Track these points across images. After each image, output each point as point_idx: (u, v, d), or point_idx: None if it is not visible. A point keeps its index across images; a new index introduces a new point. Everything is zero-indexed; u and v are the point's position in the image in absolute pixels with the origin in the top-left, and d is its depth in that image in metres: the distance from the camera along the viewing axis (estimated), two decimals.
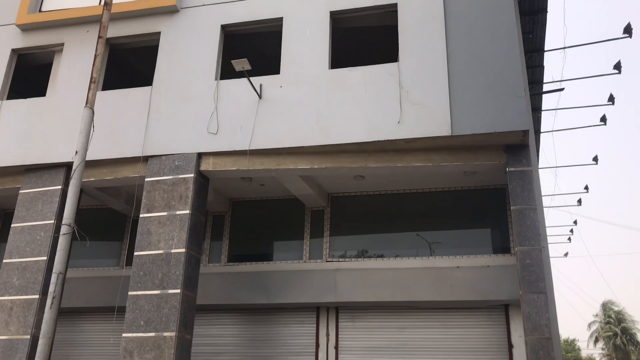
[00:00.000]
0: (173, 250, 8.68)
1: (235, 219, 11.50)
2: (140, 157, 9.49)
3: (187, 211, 8.86)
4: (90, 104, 8.56)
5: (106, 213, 11.78)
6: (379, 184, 10.62)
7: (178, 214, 8.89)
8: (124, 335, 8.40)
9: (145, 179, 9.34)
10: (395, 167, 8.91)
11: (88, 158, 8.48)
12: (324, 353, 10.25)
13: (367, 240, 11.04)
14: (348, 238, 11.08)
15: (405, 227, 10.86)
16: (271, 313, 10.80)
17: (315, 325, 10.52)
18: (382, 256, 10.46)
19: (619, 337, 46.51)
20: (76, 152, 8.24)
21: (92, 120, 8.46)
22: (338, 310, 10.49)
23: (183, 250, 8.62)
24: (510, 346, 9.54)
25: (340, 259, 10.59)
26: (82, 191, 9.90)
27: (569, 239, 19.70)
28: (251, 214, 11.57)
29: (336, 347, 10.27)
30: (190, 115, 9.56)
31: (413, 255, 10.34)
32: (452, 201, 10.69)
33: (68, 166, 9.47)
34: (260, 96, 9.30)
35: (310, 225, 11.04)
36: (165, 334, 8.20)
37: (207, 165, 9.27)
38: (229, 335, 10.88)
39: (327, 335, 10.40)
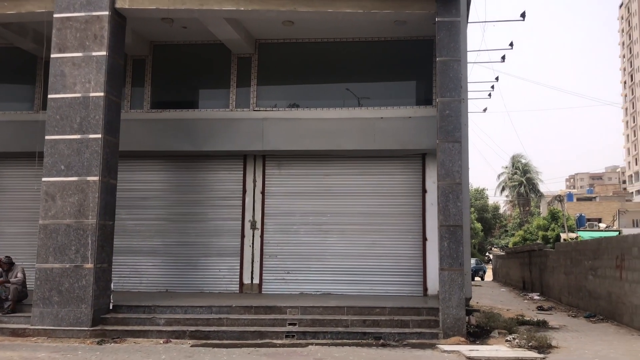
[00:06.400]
0: (91, 94, 8.26)
1: (157, 64, 10.96)
2: None
3: (104, 52, 8.30)
4: None
5: (14, 52, 10.84)
6: (308, 30, 10.30)
7: (94, 55, 8.33)
8: (44, 179, 8.24)
9: (54, 15, 8.52)
10: (325, 12, 8.61)
11: None
12: (251, 197, 10.65)
13: (295, 90, 10.98)
14: (276, 87, 10.96)
15: (334, 77, 10.83)
16: (198, 160, 10.88)
17: (242, 172, 10.77)
18: (309, 107, 10.51)
19: (523, 186, 51.26)
20: None
21: None
22: (265, 158, 10.73)
23: (102, 94, 8.22)
24: (424, 191, 10.29)
25: (268, 109, 10.55)
26: None
27: (489, 94, 20.49)
28: (174, 58, 11.03)
29: (262, 192, 10.67)
30: None
31: (340, 106, 10.47)
32: (380, 52, 10.64)
33: None
34: None
35: (236, 73, 10.74)
36: (89, 178, 8.11)
37: (123, 3, 8.53)
38: (156, 181, 10.96)
39: (254, 181, 10.71)
